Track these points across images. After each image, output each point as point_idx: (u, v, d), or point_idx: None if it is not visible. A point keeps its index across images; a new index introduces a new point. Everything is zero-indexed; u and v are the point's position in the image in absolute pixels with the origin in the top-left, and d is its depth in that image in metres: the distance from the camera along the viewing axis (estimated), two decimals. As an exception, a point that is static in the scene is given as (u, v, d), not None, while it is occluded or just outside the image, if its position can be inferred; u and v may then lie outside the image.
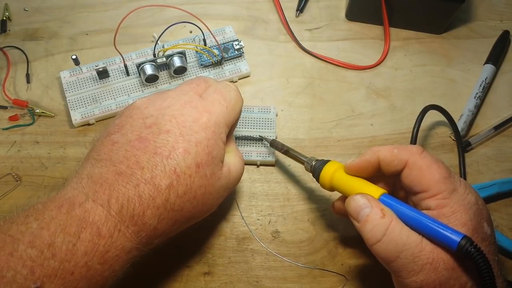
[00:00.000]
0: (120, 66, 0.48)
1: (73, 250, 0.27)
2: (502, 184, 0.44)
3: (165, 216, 0.31)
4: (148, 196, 0.30)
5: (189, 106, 0.33)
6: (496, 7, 0.56)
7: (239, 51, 0.49)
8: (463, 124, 0.47)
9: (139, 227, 0.30)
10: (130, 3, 0.53)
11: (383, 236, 0.30)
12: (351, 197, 0.33)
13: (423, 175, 0.32)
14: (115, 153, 0.31)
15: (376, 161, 0.34)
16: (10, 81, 0.48)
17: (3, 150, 0.45)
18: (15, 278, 0.25)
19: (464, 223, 0.30)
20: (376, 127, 0.48)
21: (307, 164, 0.39)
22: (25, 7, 0.53)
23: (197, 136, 0.32)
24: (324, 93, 0.50)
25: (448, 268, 0.29)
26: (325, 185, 0.37)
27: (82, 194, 0.29)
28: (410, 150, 0.33)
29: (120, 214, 0.29)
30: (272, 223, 0.43)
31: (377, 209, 0.31)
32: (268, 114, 0.46)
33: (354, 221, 0.33)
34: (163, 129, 0.32)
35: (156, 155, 0.31)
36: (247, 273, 0.40)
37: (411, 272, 0.30)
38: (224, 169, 0.35)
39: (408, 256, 0.30)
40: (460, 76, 0.52)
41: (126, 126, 0.33)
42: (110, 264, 0.29)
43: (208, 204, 0.34)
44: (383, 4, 0.50)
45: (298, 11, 0.54)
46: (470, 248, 0.28)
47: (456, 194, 0.31)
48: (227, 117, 0.35)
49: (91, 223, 0.28)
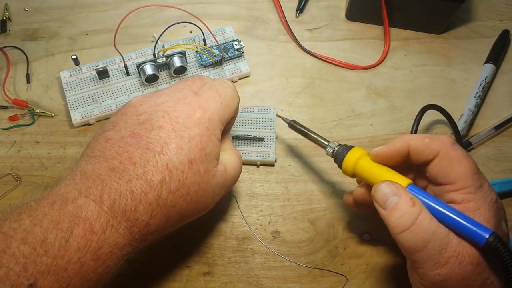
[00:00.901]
0: (120, 66, 0.48)
1: (66, 246, 0.27)
2: (503, 184, 0.44)
3: (157, 212, 0.31)
4: (140, 191, 0.30)
5: (182, 102, 0.33)
6: (496, 7, 0.56)
7: (239, 51, 0.49)
8: (463, 124, 0.47)
9: (132, 223, 0.30)
10: (130, 3, 0.53)
11: (412, 224, 0.29)
12: (379, 183, 0.32)
13: (452, 167, 0.32)
14: (109, 150, 0.31)
15: (405, 150, 0.33)
16: (10, 81, 0.48)
17: (3, 150, 0.45)
18: (8, 275, 0.25)
19: (488, 220, 0.30)
20: (376, 127, 0.48)
21: (329, 148, 0.38)
22: (25, 7, 0.53)
23: (190, 132, 0.32)
24: (324, 93, 0.50)
25: (472, 263, 0.29)
26: (347, 172, 0.36)
27: (75, 190, 0.29)
28: (443, 140, 0.32)
29: (112, 210, 0.29)
30: (272, 223, 0.43)
31: (406, 197, 0.31)
32: (268, 114, 0.46)
33: (380, 208, 0.32)
34: (156, 125, 0.32)
35: (149, 150, 0.31)
36: (247, 273, 0.40)
37: (436, 264, 0.29)
38: (220, 166, 0.34)
39: (436, 247, 0.29)
40: (460, 76, 0.52)
41: (120, 123, 0.33)
42: (103, 261, 0.29)
43: (202, 202, 0.33)
44: (383, 4, 0.50)
45: (298, 11, 0.54)
46: (499, 244, 0.28)
47: (481, 190, 0.31)
48: (222, 114, 0.35)
49: (83, 218, 0.28)
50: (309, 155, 0.46)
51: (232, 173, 0.36)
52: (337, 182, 0.45)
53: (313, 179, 0.45)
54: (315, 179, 0.45)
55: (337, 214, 0.43)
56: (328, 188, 0.44)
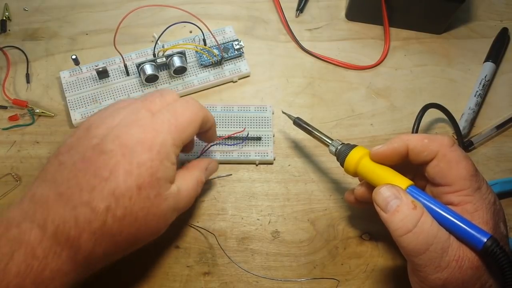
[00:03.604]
0: (120, 66, 0.48)
1: (6, 270, 0.27)
2: (504, 183, 0.44)
3: (102, 240, 0.30)
4: (84, 219, 0.29)
5: (136, 125, 0.32)
6: (496, 7, 0.56)
7: (239, 51, 0.49)
8: (464, 123, 0.47)
9: (75, 251, 0.29)
10: (130, 3, 0.53)
11: (414, 227, 0.29)
12: (379, 187, 0.32)
13: (450, 169, 0.31)
14: (60, 174, 0.31)
15: (404, 150, 0.33)
16: (10, 81, 0.48)
17: (3, 150, 0.45)
18: None
19: (486, 222, 0.30)
20: (376, 127, 0.48)
21: (332, 147, 0.38)
22: (25, 7, 0.53)
23: (140, 157, 0.31)
24: (324, 93, 0.50)
25: (472, 267, 0.29)
26: (349, 171, 0.36)
27: (21, 214, 0.29)
28: (442, 141, 0.32)
29: (55, 236, 0.29)
30: (272, 223, 0.43)
31: (407, 200, 0.30)
32: (265, 112, 0.46)
33: (381, 211, 0.32)
34: (106, 149, 0.31)
35: (96, 176, 0.30)
36: (247, 273, 0.40)
37: (437, 268, 0.29)
38: (173, 188, 0.33)
39: (438, 249, 0.29)
40: (460, 76, 0.52)
41: (74, 147, 0.32)
42: (45, 285, 0.28)
43: (152, 226, 0.32)
44: (383, 4, 0.50)
45: (298, 11, 0.54)
46: (496, 249, 0.28)
47: (479, 192, 0.31)
48: (176, 137, 0.33)
49: (26, 243, 0.28)
50: (309, 155, 0.46)
51: (185, 194, 0.35)
52: (337, 182, 0.45)
53: (313, 179, 0.45)
54: (315, 179, 0.45)
55: (337, 214, 0.43)
56: (328, 188, 0.44)
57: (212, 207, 0.43)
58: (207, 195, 0.44)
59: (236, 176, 0.45)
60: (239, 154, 0.45)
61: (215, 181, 0.44)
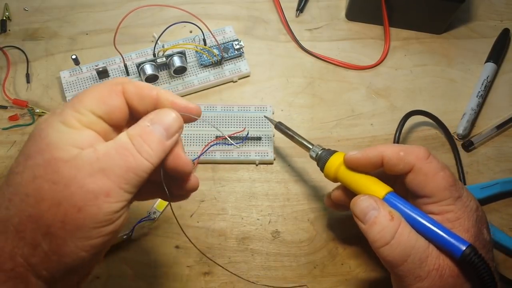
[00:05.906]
0: (120, 66, 0.48)
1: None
2: (504, 183, 0.44)
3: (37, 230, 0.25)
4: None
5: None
6: (496, 7, 0.56)
7: (239, 51, 0.49)
8: (466, 123, 0.47)
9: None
10: (130, 3, 0.53)
11: (392, 239, 0.29)
12: (357, 197, 0.32)
13: (428, 182, 0.31)
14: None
15: (378, 161, 0.33)
16: (10, 81, 0.48)
17: (3, 150, 0.45)
18: None
19: (467, 229, 0.30)
20: (376, 127, 0.48)
21: (312, 152, 0.38)
22: (25, 7, 0.53)
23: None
24: (324, 93, 0.50)
25: (453, 275, 0.29)
26: (329, 176, 0.36)
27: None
28: (417, 154, 0.32)
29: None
30: (272, 223, 0.43)
31: (385, 211, 0.30)
32: (264, 112, 0.47)
33: (359, 222, 0.32)
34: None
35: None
36: (247, 273, 0.40)
37: (417, 278, 0.29)
38: (72, 150, 0.25)
39: (416, 260, 0.29)
40: (460, 76, 0.52)
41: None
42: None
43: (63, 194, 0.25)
44: (383, 4, 0.50)
45: (298, 11, 0.54)
46: (474, 258, 0.28)
47: (460, 201, 0.31)
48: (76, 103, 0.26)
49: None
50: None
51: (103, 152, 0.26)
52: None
53: (313, 179, 0.45)
54: (315, 179, 0.45)
55: (337, 214, 0.43)
56: (328, 188, 0.44)
57: (212, 207, 0.43)
58: (207, 195, 0.44)
59: (236, 176, 0.45)
60: (239, 154, 0.45)
61: (215, 181, 0.44)
